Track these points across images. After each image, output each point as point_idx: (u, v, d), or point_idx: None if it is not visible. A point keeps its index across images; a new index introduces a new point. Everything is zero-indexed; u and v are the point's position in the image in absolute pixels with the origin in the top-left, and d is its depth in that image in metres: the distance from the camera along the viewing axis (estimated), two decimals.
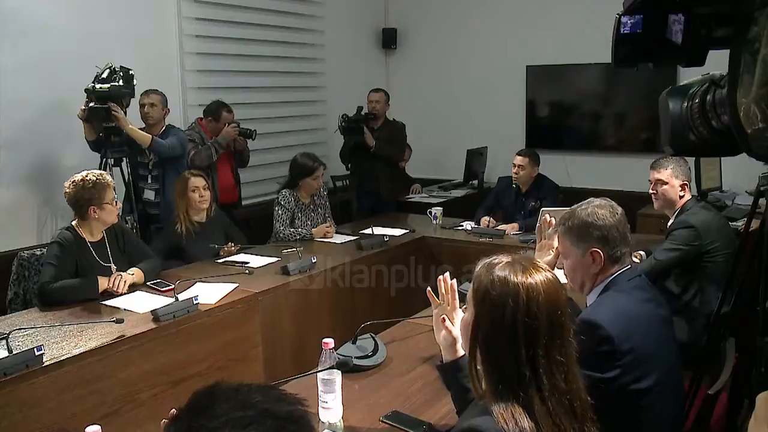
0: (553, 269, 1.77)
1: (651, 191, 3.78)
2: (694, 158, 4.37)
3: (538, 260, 1.56)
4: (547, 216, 2.67)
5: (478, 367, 1.48)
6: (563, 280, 2.22)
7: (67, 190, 3.47)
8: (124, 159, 4.64)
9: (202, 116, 5.33)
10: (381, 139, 5.93)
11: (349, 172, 6.25)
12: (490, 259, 1.54)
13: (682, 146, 1.39)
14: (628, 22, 1.29)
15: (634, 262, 3.70)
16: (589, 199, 2.29)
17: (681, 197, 3.68)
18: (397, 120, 6.17)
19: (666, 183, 3.69)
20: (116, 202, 3.57)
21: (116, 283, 3.42)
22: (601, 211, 2.20)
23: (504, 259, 1.52)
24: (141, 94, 4.72)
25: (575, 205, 2.28)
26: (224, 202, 5.02)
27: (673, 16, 1.26)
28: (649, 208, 4.06)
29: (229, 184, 5.32)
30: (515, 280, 1.45)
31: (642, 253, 3.84)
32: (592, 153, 6.78)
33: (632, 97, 6.59)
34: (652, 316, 2.13)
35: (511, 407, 1.37)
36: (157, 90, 4.81)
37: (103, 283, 3.42)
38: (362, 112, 5.92)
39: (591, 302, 2.24)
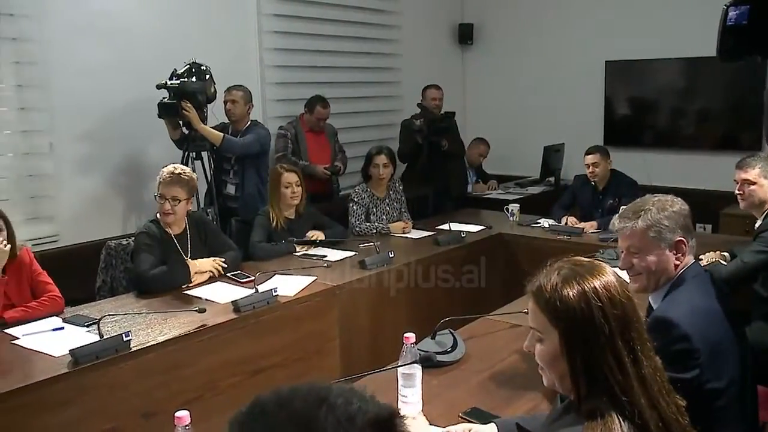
0: None
1: (737, 191, 3.64)
2: None
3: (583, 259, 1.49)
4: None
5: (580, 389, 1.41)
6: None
7: None
8: (205, 153, 4.74)
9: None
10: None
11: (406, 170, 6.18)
12: (539, 283, 1.45)
13: None
14: (734, 13, 1.22)
15: (719, 263, 3.59)
16: (647, 195, 2.21)
17: None
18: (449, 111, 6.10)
19: (754, 183, 3.55)
20: (172, 205, 3.53)
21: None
22: (674, 200, 2.15)
23: (559, 275, 1.43)
24: (224, 91, 4.82)
25: (638, 201, 2.20)
26: (317, 192, 5.08)
27: None
28: (733, 208, 3.92)
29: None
30: (590, 285, 1.39)
31: (726, 254, 3.70)
32: (673, 150, 6.59)
33: (715, 92, 6.38)
34: (722, 312, 2.05)
35: (608, 421, 1.31)
36: (240, 86, 4.90)
37: (192, 267, 3.52)
38: (435, 111, 5.89)
39: (656, 301, 2.16)
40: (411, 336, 2.13)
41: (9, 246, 3.03)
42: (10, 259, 3.04)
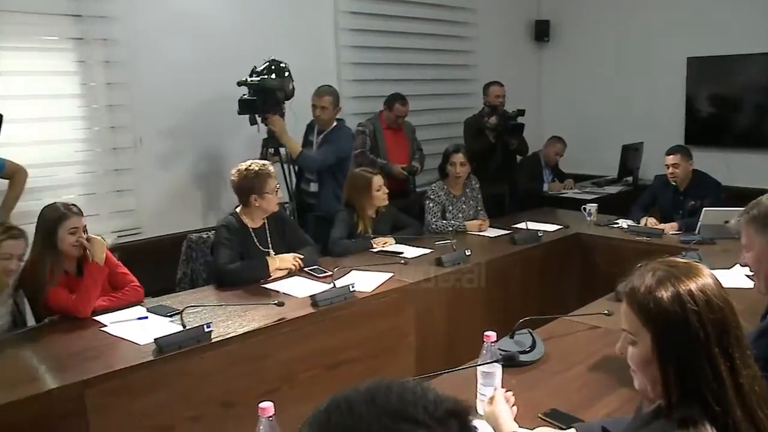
0: None
1: None
2: None
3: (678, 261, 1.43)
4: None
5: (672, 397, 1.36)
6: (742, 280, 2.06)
7: (233, 178, 3.67)
8: (283, 149, 4.80)
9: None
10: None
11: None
12: (632, 285, 1.40)
13: None
14: None
15: None
16: None
17: None
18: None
19: None
20: (278, 191, 3.72)
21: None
22: None
23: (653, 276, 1.38)
24: (314, 94, 4.82)
25: (764, 195, 2.11)
26: (393, 189, 5.09)
27: None
28: None
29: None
30: (685, 287, 1.34)
31: None
32: (758, 150, 6.34)
33: None
34: None
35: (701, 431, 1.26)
36: (329, 88, 4.88)
37: (272, 263, 3.59)
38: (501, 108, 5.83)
39: None
40: (492, 334, 2.11)
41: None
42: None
